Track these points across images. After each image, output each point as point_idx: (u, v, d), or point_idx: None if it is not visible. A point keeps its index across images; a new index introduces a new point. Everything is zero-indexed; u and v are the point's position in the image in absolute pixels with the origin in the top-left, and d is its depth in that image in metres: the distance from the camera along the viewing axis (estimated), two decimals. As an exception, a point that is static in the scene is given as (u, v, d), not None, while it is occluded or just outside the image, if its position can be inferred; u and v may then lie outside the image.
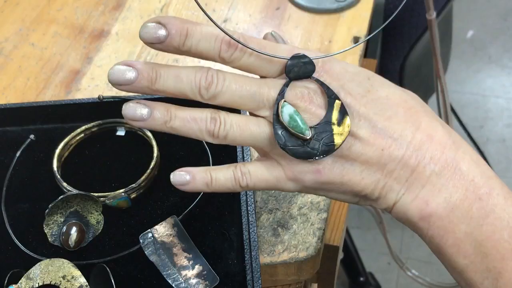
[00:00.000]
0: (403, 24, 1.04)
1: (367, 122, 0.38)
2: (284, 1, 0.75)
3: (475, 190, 0.38)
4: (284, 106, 0.38)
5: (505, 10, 2.19)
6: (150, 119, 0.38)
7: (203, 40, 0.38)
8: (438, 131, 0.39)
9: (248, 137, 0.39)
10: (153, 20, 0.37)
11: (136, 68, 0.37)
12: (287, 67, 0.39)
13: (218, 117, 0.39)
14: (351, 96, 0.39)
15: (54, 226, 0.51)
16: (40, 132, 0.60)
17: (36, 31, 0.74)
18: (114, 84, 0.37)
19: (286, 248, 0.52)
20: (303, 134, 0.38)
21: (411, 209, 0.39)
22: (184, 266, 0.49)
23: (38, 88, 0.67)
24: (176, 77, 0.38)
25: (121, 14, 0.75)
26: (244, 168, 0.40)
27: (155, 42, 0.37)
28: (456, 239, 0.38)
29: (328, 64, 0.40)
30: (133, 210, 0.54)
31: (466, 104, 1.92)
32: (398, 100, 0.39)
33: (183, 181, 0.40)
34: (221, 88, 0.38)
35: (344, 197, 0.41)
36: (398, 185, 0.39)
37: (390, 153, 0.38)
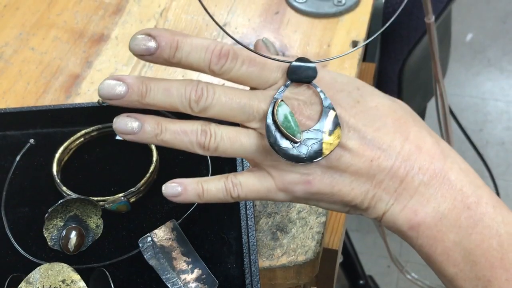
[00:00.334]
0: (402, 27, 1.04)
1: (356, 133, 0.39)
2: (283, 5, 0.76)
3: (463, 199, 0.38)
4: (281, 105, 0.38)
5: (504, 13, 2.19)
6: (141, 132, 0.39)
7: (193, 52, 0.38)
8: (426, 141, 0.39)
9: (238, 149, 0.40)
10: (142, 32, 0.37)
11: (126, 83, 0.38)
12: (290, 68, 0.39)
13: (209, 129, 0.39)
14: (341, 107, 0.39)
15: (53, 230, 0.52)
16: (40, 137, 0.60)
17: (36, 36, 0.74)
18: (105, 99, 0.38)
19: (285, 252, 0.53)
20: (294, 136, 0.38)
21: (400, 219, 0.39)
22: (183, 270, 0.49)
23: (38, 93, 0.67)
24: (166, 90, 0.38)
25: (120, 18, 0.75)
26: (235, 179, 0.41)
27: (145, 54, 0.37)
28: (445, 248, 0.38)
29: (318, 73, 0.40)
30: (132, 214, 0.54)
31: (465, 107, 1.92)
32: (387, 111, 0.40)
33: (175, 192, 0.41)
34: (211, 101, 0.38)
35: (334, 207, 0.41)
36: (387, 195, 0.39)
37: (379, 164, 0.38)
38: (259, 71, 0.39)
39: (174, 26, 0.74)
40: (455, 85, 1.97)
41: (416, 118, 0.41)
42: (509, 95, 1.94)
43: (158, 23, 0.74)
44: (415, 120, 0.41)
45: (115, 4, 0.77)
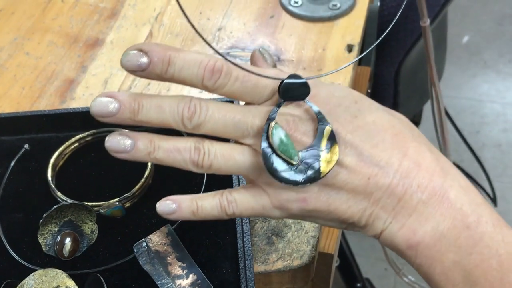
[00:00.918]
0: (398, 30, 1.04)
1: (353, 149, 0.38)
2: (278, 10, 0.76)
3: (463, 218, 0.37)
4: (275, 128, 0.37)
5: (500, 15, 2.20)
6: (134, 150, 0.38)
7: (186, 67, 0.37)
8: (426, 157, 0.39)
9: (232, 166, 0.39)
10: (134, 48, 0.37)
11: (118, 100, 0.37)
12: (281, 87, 0.38)
13: (202, 147, 0.39)
14: (338, 123, 0.38)
15: (48, 235, 0.52)
16: (35, 142, 0.60)
17: (31, 40, 0.74)
18: (97, 117, 0.37)
19: (281, 257, 0.52)
20: (292, 159, 0.38)
21: (398, 238, 0.38)
22: (178, 275, 0.49)
23: (33, 97, 0.67)
24: (158, 107, 0.38)
25: (116, 22, 0.75)
26: (230, 196, 0.40)
27: (137, 70, 0.37)
28: (444, 268, 0.38)
29: (314, 88, 0.39)
30: (127, 219, 0.54)
31: (462, 109, 1.92)
32: (386, 125, 0.39)
33: (169, 210, 0.40)
34: (204, 117, 0.38)
35: (331, 224, 0.41)
36: (385, 213, 0.38)
37: (376, 182, 0.38)
38: (253, 86, 0.39)
39: (169, 30, 0.74)
40: (451, 87, 1.98)
41: (415, 132, 0.40)
42: (505, 97, 1.94)
43: (153, 27, 0.74)
44: (414, 135, 0.40)
45: (110, 9, 0.77)
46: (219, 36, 0.73)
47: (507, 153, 1.80)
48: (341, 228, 0.41)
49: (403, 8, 1.02)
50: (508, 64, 2.04)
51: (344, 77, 0.67)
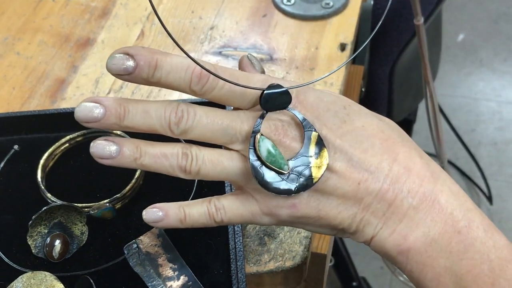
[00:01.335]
0: (392, 28, 1.04)
1: (342, 155, 0.38)
2: (270, 8, 0.75)
3: (454, 223, 0.37)
4: (262, 140, 0.37)
5: (496, 13, 2.20)
6: (119, 156, 0.37)
7: (173, 71, 0.37)
8: (416, 162, 0.38)
9: (221, 172, 0.39)
10: (120, 51, 0.36)
11: (104, 105, 0.36)
12: (262, 98, 0.37)
13: (190, 152, 0.38)
14: (327, 128, 0.38)
15: (38, 237, 0.51)
16: (25, 142, 0.60)
17: (22, 40, 0.73)
18: (82, 122, 0.37)
19: (273, 257, 0.52)
20: (282, 169, 0.37)
21: (389, 244, 0.38)
22: (169, 277, 0.49)
23: (23, 98, 0.67)
24: (145, 113, 0.37)
25: (107, 22, 0.75)
26: (218, 203, 0.40)
27: (123, 73, 0.36)
28: (436, 274, 0.37)
29: (302, 94, 0.39)
30: (117, 220, 0.54)
31: (457, 107, 1.92)
32: (375, 131, 0.39)
33: (156, 218, 0.40)
34: (191, 123, 0.37)
35: (321, 230, 0.40)
36: (375, 219, 0.38)
37: (366, 187, 0.37)
38: (241, 91, 0.38)
39: (161, 29, 0.73)
40: (447, 86, 1.97)
41: (405, 137, 0.40)
42: (501, 95, 1.94)
43: (144, 27, 0.74)
44: (404, 140, 0.40)
45: (101, 8, 0.77)
46: (211, 35, 0.73)
47: (503, 151, 1.80)
48: (332, 235, 0.41)
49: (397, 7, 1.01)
50: (504, 62, 2.03)
51: (337, 77, 0.66)
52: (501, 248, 0.37)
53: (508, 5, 2.22)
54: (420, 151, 0.40)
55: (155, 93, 0.66)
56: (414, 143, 0.40)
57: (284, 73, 0.67)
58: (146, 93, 0.66)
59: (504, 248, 0.38)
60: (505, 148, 1.81)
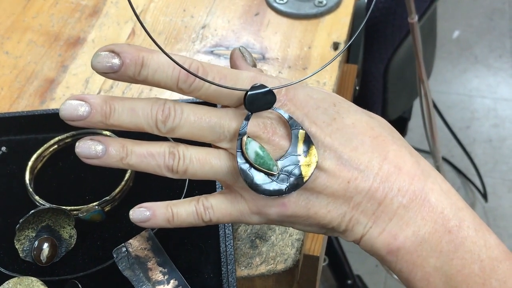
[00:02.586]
0: (386, 27, 1.03)
1: (332, 153, 0.37)
2: (263, 7, 0.74)
3: (444, 222, 0.37)
4: (249, 142, 0.37)
5: (491, 10, 2.19)
6: (105, 156, 0.37)
7: (160, 69, 0.36)
8: (406, 161, 0.38)
9: (209, 171, 0.38)
10: (106, 49, 0.35)
11: (89, 103, 0.36)
12: (246, 99, 0.37)
13: (177, 151, 0.37)
14: (316, 126, 0.37)
15: (25, 241, 0.50)
16: (13, 144, 0.59)
17: (11, 39, 0.72)
18: (67, 121, 0.36)
19: (264, 260, 0.51)
20: (271, 170, 0.37)
21: (378, 243, 0.37)
22: (159, 281, 0.48)
23: (12, 98, 0.66)
24: (131, 110, 0.36)
25: (97, 21, 0.74)
26: (206, 202, 0.39)
27: (108, 71, 0.35)
28: (425, 274, 0.37)
29: (292, 91, 0.38)
30: (107, 223, 0.53)
31: (452, 104, 1.92)
32: (365, 128, 0.38)
33: (143, 218, 0.39)
34: (178, 121, 0.37)
35: (310, 229, 0.40)
36: (365, 218, 0.37)
37: (356, 186, 0.37)
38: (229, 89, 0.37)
39: (152, 28, 0.73)
40: (442, 83, 1.97)
41: (395, 135, 0.40)
42: (496, 92, 1.94)
43: (135, 26, 0.73)
44: (395, 137, 0.39)
45: (91, 6, 0.76)
46: (203, 34, 0.72)
47: (498, 148, 1.80)
48: (321, 233, 0.40)
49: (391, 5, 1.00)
50: (499, 59, 2.03)
51: (330, 76, 0.66)
52: (492, 247, 0.37)
53: (503, 1, 2.22)
54: (411, 149, 0.39)
55: (146, 93, 0.65)
56: (404, 141, 0.40)
57: (276, 73, 0.67)
58: (137, 93, 0.65)
59: (495, 248, 0.37)
60: (500, 145, 1.81)
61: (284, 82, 0.38)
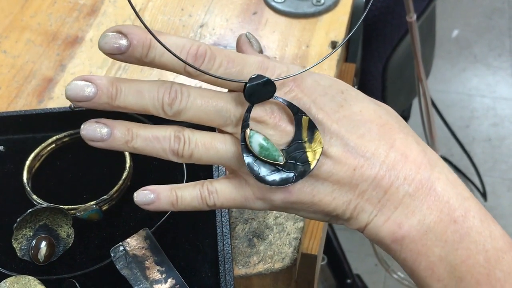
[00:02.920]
0: (385, 25, 1.03)
1: (338, 140, 0.37)
2: (261, 6, 0.74)
3: (450, 212, 0.36)
4: (252, 136, 0.36)
5: (490, 9, 2.20)
6: (111, 139, 0.36)
7: (167, 52, 0.35)
8: (413, 149, 0.38)
9: (214, 156, 0.38)
10: (113, 30, 0.35)
11: (95, 84, 0.35)
12: (246, 91, 0.36)
13: (182, 135, 0.37)
14: (323, 112, 0.37)
15: (23, 240, 0.50)
16: (11, 143, 0.59)
17: (9, 39, 0.72)
18: (72, 101, 0.35)
19: (262, 259, 0.51)
20: (277, 161, 0.36)
21: (383, 231, 0.37)
22: (156, 280, 0.48)
23: (10, 97, 0.66)
24: (137, 92, 0.36)
25: (95, 20, 0.74)
26: (211, 187, 0.39)
27: (115, 52, 0.35)
28: (430, 263, 0.37)
29: (299, 78, 0.38)
30: (104, 222, 0.53)
31: (451, 103, 1.92)
32: (372, 116, 0.38)
33: (147, 200, 0.39)
34: (185, 104, 0.36)
35: (314, 216, 0.39)
36: (370, 206, 0.37)
37: (362, 173, 0.36)
38: (238, 72, 0.37)
39: (151, 27, 0.72)
40: (441, 82, 1.97)
41: (402, 124, 0.39)
42: (495, 91, 1.94)
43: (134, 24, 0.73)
44: (401, 126, 0.39)
45: (90, 6, 0.76)
46: (201, 33, 0.72)
47: (497, 147, 1.80)
48: (325, 221, 0.40)
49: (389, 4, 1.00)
50: (498, 58, 2.03)
51: (328, 74, 0.66)
52: (497, 238, 0.37)
53: (502, 0, 2.22)
54: (417, 138, 0.39)
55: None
56: (411, 130, 0.39)
57: (274, 72, 0.67)
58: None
59: (500, 239, 0.37)
60: (500, 144, 1.81)
61: (292, 67, 0.38)
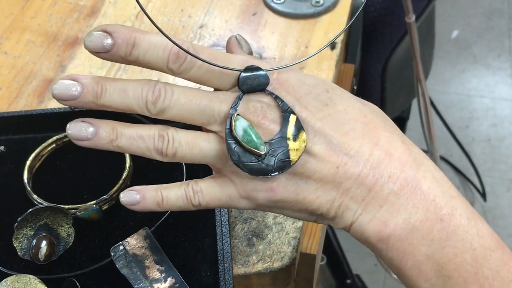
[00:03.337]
0: (384, 26, 1.03)
1: (322, 138, 0.37)
2: (260, 7, 0.75)
3: (436, 210, 0.36)
4: (238, 120, 0.37)
5: (490, 9, 2.20)
6: (96, 138, 0.37)
7: (151, 50, 0.36)
8: (398, 147, 0.38)
9: (198, 154, 0.38)
10: (99, 29, 0.36)
11: (81, 82, 0.36)
12: (239, 79, 0.37)
13: (166, 134, 0.38)
14: (307, 110, 0.37)
15: (23, 239, 0.50)
16: (12, 143, 0.59)
17: (9, 39, 0.72)
18: (59, 100, 0.36)
19: (261, 259, 0.52)
20: (258, 150, 0.37)
21: (368, 230, 0.37)
22: (156, 279, 0.48)
23: (11, 98, 0.66)
24: (122, 91, 0.36)
25: (95, 21, 0.74)
26: (196, 186, 0.39)
27: (101, 51, 0.36)
28: (416, 262, 0.37)
29: (284, 75, 0.38)
30: (104, 222, 0.53)
31: (451, 104, 1.92)
32: (357, 114, 0.38)
33: (133, 200, 0.40)
34: (168, 102, 0.37)
35: (300, 215, 0.39)
36: (355, 204, 0.37)
37: (345, 171, 0.37)
38: (220, 71, 0.37)
39: (150, 28, 0.73)
40: (440, 82, 1.97)
41: (388, 122, 0.39)
42: (494, 91, 1.94)
43: (134, 25, 0.73)
44: (387, 124, 0.39)
45: (90, 7, 0.76)
46: (200, 34, 0.72)
47: (497, 147, 1.80)
48: (311, 221, 0.40)
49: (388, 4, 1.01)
50: (498, 58, 2.03)
51: (327, 75, 0.66)
52: (485, 236, 0.37)
53: (502, 1, 2.23)
54: (403, 136, 0.39)
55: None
56: (397, 129, 0.39)
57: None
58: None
59: (487, 237, 0.37)
60: (499, 145, 1.81)
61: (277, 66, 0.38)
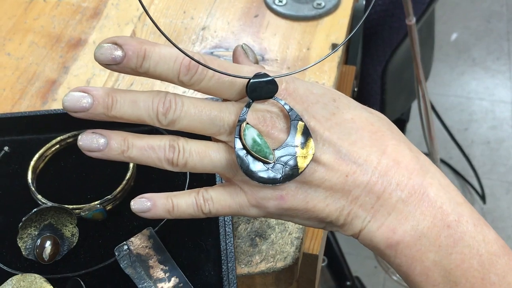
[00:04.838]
0: (384, 28, 1.04)
1: (331, 147, 0.37)
2: (262, 9, 0.75)
3: (443, 217, 0.37)
4: (247, 129, 0.37)
5: (489, 12, 2.20)
6: (107, 149, 0.37)
7: (162, 62, 0.36)
8: (405, 155, 0.38)
9: (208, 164, 0.39)
10: (109, 41, 0.36)
11: (92, 94, 0.36)
12: (249, 86, 0.37)
13: (177, 144, 0.38)
14: (315, 120, 0.38)
15: (28, 239, 0.51)
16: (15, 144, 0.59)
17: (13, 41, 0.73)
18: (70, 112, 0.36)
19: (264, 258, 0.52)
20: (267, 158, 0.37)
21: (377, 237, 0.38)
22: (160, 278, 0.49)
23: (14, 99, 0.66)
24: (133, 102, 0.37)
25: (98, 22, 0.75)
26: (206, 194, 0.40)
27: (111, 63, 0.36)
28: (424, 268, 0.37)
29: (292, 85, 0.39)
30: (108, 222, 0.53)
31: (450, 106, 1.92)
32: (364, 123, 0.39)
33: (143, 208, 0.40)
34: (179, 113, 0.37)
35: (309, 223, 0.40)
36: (364, 212, 0.38)
37: (354, 179, 0.37)
38: (230, 82, 0.38)
39: (153, 30, 0.73)
40: (440, 85, 1.98)
41: (394, 130, 0.40)
42: (494, 94, 1.95)
43: (136, 27, 0.74)
44: (394, 133, 0.40)
45: (92, 8, 0.76)
46: (203, 36, 0.72)
47: (496, 150, 1.81)
48: (320, 228, 0.41)
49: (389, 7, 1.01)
50: (497, 61, 2.04)
51: (329, 77, 0.66)
52: (491, 242, 0.37)
53: (501, 4, 2.23)
54: (410, 144, 0.40)
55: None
56: (403, 136, 0.40)
57: (275, 74, 0.67)
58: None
59: (494, 243, 0.37)
60: (498, 147, 1.81)
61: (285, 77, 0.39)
